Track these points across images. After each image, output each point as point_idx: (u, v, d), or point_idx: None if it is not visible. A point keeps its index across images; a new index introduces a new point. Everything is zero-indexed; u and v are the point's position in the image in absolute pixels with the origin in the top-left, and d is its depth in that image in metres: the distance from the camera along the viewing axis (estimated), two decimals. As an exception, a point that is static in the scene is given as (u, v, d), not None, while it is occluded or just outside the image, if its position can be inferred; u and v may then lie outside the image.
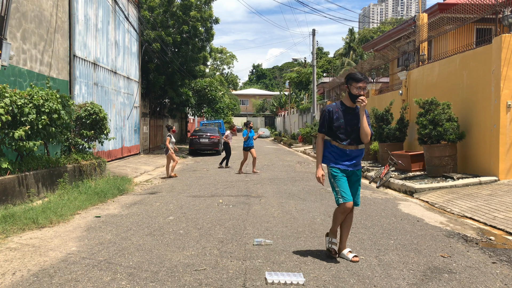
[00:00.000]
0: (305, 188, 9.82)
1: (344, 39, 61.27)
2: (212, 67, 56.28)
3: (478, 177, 9.64)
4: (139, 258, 4.55)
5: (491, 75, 9.80)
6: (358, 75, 4.44)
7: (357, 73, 4.47)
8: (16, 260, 4.49)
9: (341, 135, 4.43)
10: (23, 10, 9.69)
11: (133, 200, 8.28)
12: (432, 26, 13.85)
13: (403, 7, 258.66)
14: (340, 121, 4.44)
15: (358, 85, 4.38)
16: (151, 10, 22.87)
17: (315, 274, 4.08)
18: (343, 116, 4.46)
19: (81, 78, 12.93)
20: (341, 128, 4.43)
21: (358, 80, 4.41)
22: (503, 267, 4.33)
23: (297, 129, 38.02)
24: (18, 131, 7.09)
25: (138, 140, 19.69)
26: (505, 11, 9.97)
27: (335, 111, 4.48)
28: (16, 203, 6.91)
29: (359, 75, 4.45)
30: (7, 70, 8.90)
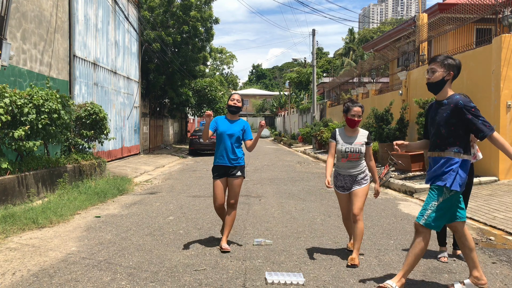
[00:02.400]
0: (305, 188, 9.82)
1: (344, 39, 61.27)
2: (212, 67, 56.27)
3: (478, 177, 9.65)
4: (139, 258, 4.55)
5: (491, 75, 9.80)
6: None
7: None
8: (16, 260, 4.49)
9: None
10: (23, 10, 9.69)
11: (133, 200, 8.28)
12: (432, 26, 13.86)
13: (403, 7, 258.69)
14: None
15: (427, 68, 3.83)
16: (151, 10, 22.87)
17: (315, 274, 4.07)
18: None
19: (81, 78, 12.93)
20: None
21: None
22: (503, 267, 4.33)
23: (297, 129, 38.00)
24: (18, 131, 7.09)
25: (138, 140, 19.69)
26: (505, 11, 9.97)
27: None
28: (16, 203, 6.91)
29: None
30: (7, 70, 8.90)
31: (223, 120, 5.11)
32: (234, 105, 5.06)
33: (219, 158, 4.98)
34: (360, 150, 4.53)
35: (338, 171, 4.69)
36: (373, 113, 14.44)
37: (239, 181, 4.98)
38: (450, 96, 3.57)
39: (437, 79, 3.57)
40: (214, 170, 5.04)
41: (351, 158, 4.55)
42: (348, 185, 4.61)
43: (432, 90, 3.66)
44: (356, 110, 4.58)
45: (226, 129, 5.00)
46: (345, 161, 4.58)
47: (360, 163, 4.59)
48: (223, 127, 5.03)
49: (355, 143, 4.57)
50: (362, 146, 4.57)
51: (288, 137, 37.61)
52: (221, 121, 5.09)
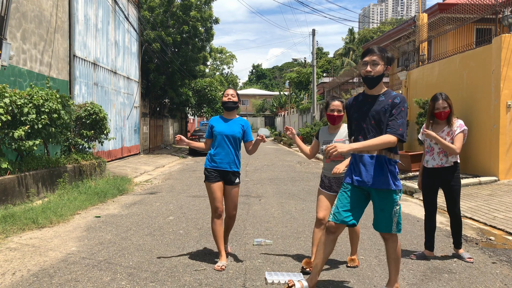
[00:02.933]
0: (305, 188, 9.82)
1: (344, 39, 61.27)
2: (212, 67, 56.29)
3: (478, 177, 9.64)
4: (139, 258, 4.55)
5: (491, 75, 9.80)
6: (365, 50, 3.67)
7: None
8: (16, 260, 4.49)
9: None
10: (23, 10, 9.69)
11: (133, 200, 8.28)
12: (432, 26, 13.86)
13: (403, 7, 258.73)
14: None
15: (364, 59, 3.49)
16: (151, 10, 22.86)
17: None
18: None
19: (81, 78, 12.93)
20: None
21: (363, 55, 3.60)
22: (503, 267, 4.33)
23: (297, 129, 38.00)
24: (18, 131, 7.09)
25: (138, 140, 19.69)
26: (505, 11, 9.97)
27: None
28: (16, 203, 6.91)
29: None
30: (7, 70, 8.90)
31: (218, 120, 4.56)
32: (229, 100, 4.49)
33: (217, 161, 4.40)
34: None
35: (324, 172, 4.30)
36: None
37: (238, 189, 4.51)
38: (386, 91, 3.37)
39: (379, 72, 3.31)
40: (209, 173, 4.41)
41: (334, 158, 4.12)
42: (334, 188, 4.18)
43: (371, 84, 3.34)
44: (335, 105, 4.18)
45: (223, 129, 4.43)
46: (329, 161, 4.21)
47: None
48: (219, 127, 4.47)
49: (334, 140, 4.15)
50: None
51: (288, 137, 37.61)
52: (216, 122, 4.54)
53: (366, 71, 3.32)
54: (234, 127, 4.49)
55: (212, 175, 4.41)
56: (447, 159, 4.61)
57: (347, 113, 3.60)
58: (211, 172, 4.41)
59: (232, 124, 4.51)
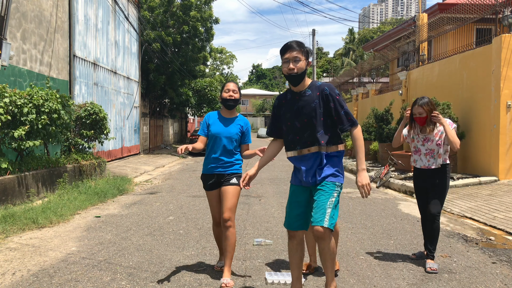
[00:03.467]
0: (305, 188, 9.81)
1: (344, 39, 61.26)
2: (212, 67, 56.26)
3: (478, 177, 9.65)
4: (139, 258, 4.55)
5: (491, 75, 9.80)
6: (283, 46, 3.24)
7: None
8: (16, 260, 4.49)
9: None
10: (23, 10, 9.69)
11: (133, 200, 8.28)
12: (432, 26, 13.86)
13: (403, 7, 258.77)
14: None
15: (285, 57, 3.18)
16: (151, 10, 22.86)
17: (315, 274, 4.07)
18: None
19: (81, 78, 12.93)
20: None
21: (282, 51, 3.23)
22: (503, 267, 4.33)
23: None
24: (18, 131, 7.09)
25: (138, 140, 19.69)
26: (505, 11, 9.97)
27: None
28: (16, 203, 6.91)
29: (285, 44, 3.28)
30: (7, 70, 8.90)
31: (215, 118, 4.03)
32: (231, 97, 3.94)
33: (212, 165, 3.94)
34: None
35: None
36: (373, 113, 14.44)
37: (235, 189, 3.85)
38: (310, 84, 3.18)
39: (302, 69, 3.10)
40: (204, 180, 4.01)
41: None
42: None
43: (296, 81, 3.15)
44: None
45: (220, 130, 3.92)
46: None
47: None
48: (216, 127, 3.95)
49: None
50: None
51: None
52: (213, 119, 4.01)
53: (288, 69, 3.11)
54: (233, 128, 3.96)
55: (206, 182, 3.98)
56: (434, 161, 4.40)
57: (275, 113, 3.35)
58: (206, 178, 3.98)
59: (230, 124, 3.97)
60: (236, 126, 3.98)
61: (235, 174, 3.94)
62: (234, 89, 3.99)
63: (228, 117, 4.01)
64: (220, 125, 3.96)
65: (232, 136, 3.93)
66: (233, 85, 4.02)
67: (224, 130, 3.93)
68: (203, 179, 4.02)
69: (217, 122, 3.98)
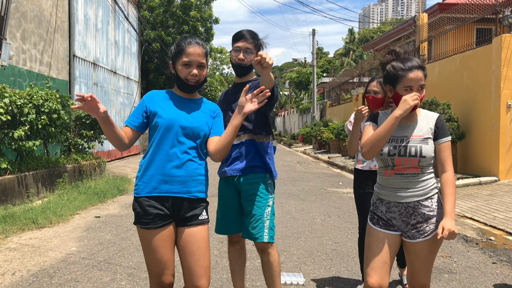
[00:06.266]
0: (305, 188, 9.82)
1: (344, 39, 61.27)
2: (212, 67, 56.29)
3: (478, 177, 9.64)
4: (139, 258, 4.55)
5: (491, 75, 9.80)
6: (238, 32, 3.00)
7: (241, 31, 3.02)
8: (15, 260, 4.48)
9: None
10: (22, 10, 9.68)
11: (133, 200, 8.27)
12: (432, 26, 13.85)
13: (403, 7, 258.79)
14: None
15: (237, 45, 2.94)
16: (151, 10, 22.88)
17: (315, 274, 4.07)
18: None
19: (81, 78, 12.93)
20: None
21: (236, 38, 2.98)
22: (503, 267, 4.33)
23: (297, 129, 38.01)
24: (18, 131, 7.08)
25: (138, 140, 19.69)
26: (505, 11, 9.97)
27: None
28: (16, 203, 6.91)
29: (241, 31, 3.00)
30: (7, 70, 8.89)
31: (164, 97, 2.49)
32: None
33: (158, 180, 2.34)
34: (421, 151, 2.35)
35: (379, 193, 2.49)
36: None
37: (205, 231, 2.41)
38: (254, 79, 3.02)
39: (251, 61, 2.91)
40: (144, 209, 2.33)
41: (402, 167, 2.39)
42: (397, 222, 2.41)
43: (241, 72, 2.98)
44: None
45: (175, 116, 2.39)
46: (392, 173, 2.42)
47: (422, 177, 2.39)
48: (168, 111, 2.41)
49: (412, 136, 2.40)
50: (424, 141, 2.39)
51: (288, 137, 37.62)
52: (159, 99, 2.47)
53: (238, 58, 2.91)
54: (199, 114, 2.55)
55: (147, 216, 2.35)
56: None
57: (220, 106, 3.01)
58: (145, 208, 2.36)
59: (194, 107, 2.57)
60: (204, 111, 2.51)
61: (200, 199, 2.44)
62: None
63: (189, 96, 2.53)
64: (174, 108, 2.44)
65: (199, 125, 2.43)
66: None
67: (182, 115, 2.42)
68: (141, 208, 2.34)
69: (168, 104, 2.45)
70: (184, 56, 2.39)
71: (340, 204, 7.74)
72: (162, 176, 2.34)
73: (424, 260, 2.36)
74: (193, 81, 2.41)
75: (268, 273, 2.89)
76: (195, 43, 2.41)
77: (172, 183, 2.34)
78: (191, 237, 2.35)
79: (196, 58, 2.39)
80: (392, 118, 2.28)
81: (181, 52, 2.41)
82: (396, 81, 2.38)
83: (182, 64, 2.40)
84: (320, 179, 11.51)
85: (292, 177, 12.11)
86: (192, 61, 2.39)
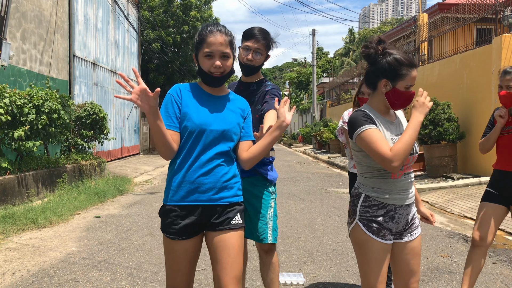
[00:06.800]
0: (305, 188, 9.82)
1: (344, 39, 61.27)
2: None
3: (478, 177, 9.64)
4: (139, 258, 4.55)
5: (491, 75, 9.79)
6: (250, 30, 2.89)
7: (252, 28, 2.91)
8: (15, 260, 4.48)
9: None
10: (22, 10, 9.68)
11: (133, 200, 8.27)
12: (432, 26, 13.86)
13: (403, 7, 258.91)
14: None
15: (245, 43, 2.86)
16: (151, 10, 22.88)
17: (315, 274, 4.07)
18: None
19: (81, 78, 12.93)
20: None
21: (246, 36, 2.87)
22: (503, 267, 4.33)
23: (297, 129, 38.03)
24: (18, 131, 7.08)
25: (138, 140, 19.68)
26: (505, 11, 9.97)
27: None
28: (16, 203, 6.91)
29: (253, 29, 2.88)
30: (7, 70, 8.89)
31: (192, 94, 2.24)
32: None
33: (186, 188, 2.14)
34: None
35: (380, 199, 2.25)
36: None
37: (237, 237, 2.18)
38: (260, 80, 2.95)
39: (260, 62, 2.88)
40: (172, 219, 2.15)
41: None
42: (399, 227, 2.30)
43: (249, 72, 2.90)
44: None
45: (206, 119, 2.17)
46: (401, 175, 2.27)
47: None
48: (199, 114, 2.18)
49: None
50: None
51: (288, 137, 37.63)
52: (188, 96, 2.22)
53: (247, 58, 2.83)
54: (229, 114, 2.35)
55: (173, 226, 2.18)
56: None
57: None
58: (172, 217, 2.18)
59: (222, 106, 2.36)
60: (233, 110, 2.28)
61: (235, 204, 2.22)
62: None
63: (215, 93, 2.28)
64: (204, 110, 2.20)
65: (230, 127, 2.21)
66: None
67: (212, 118, 2.19)
68: (168, 216, 2.17)
69: (196, 106, 2.20)
70: (205, 47, 2.17)
71: (340, 204, 7.73)
72: (190, 184, 2.14)
73: (419, 255, 2.34)
74: (217, 73, 2.18)
75: (270, 274, 2.88)
76: (217, 31, 2.17)
77: (201, 192, 2.14)
78: (220, 243, 2.15)
79: (218, 48, 2.15)
80: (419, 123, 2.16)
81: (202, 42, 2.19)
82: (398, 77, 2.20)
83: (203, 55, 2.18)
84: (320, 179, 11.51)
85: (292, 177, 12.11)
86: (213, 52, 2.15)
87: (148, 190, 9.71)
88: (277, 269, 2.90)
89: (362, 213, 2.24)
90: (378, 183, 2.24)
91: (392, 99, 2.23)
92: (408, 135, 2.11)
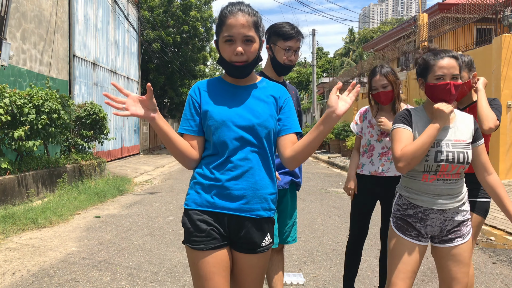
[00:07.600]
0: (305, 188, 9.82)
1: (344, 39, 61.26)
2: (212, 67, 56.28)
3: (478, 177, 9.64)
4: (139, 258, 4.55)
5: (491, 75, 9.80)
6: (287, 28, 2.69)
7: (284, 25, 2.72)
8: (15, 260, 4.48)
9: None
10: (22, 10, 9.68)
11: (133, 200, 8.27)
12: (432, 26, 13.86)
13: (403, 7, 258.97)
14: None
15: (287, 44, 2.67)
16: (151, 10, 22.89)
17: (315, 274, 4.07)
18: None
19: (81, 78, 12.93)
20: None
21: (287, 36, 2.66)
22: (503, 267, 4.33)
23: (297, 129, 37.94)
24: (18, 131, 7.08)
25: (138, 140, 19.68)
26: (505, 11, 9.97)
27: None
28: (16, 203, 6.91)
29: (288, 27, 2.70)
30: (7, 70, 8.89)
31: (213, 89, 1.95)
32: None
33: (212, 192, 1.84)
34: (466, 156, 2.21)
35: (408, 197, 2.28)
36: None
37: (265, 259, 1.92)
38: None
39: (296, 61, 2.77)
40: (196, 224, 1.88)
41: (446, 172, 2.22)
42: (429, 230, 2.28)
43: (285, 73, 2.75)
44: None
45: (228, 114, 1.86)
46: (434, 179, 2.22)
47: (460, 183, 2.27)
48: (219, 109, 1.88)
49: (456, 141, 2.22)
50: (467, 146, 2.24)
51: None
52: (208, 92, 1.93)
53: (289, 60, 2.67)
54: (259, 104, 2.01)
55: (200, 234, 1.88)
56: (390, 166, 3.11)
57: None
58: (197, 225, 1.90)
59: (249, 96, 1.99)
60: (264, 100, 1.92)
61: (267, 219, 1.90)
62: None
63: (241, 83, 1.95)
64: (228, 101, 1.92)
65: (262, 121, 1.86)
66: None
67: (238, 111, 1.87)
68: (190, 220, 1.91)
69: (218, 99, 1.91)
70: (225, 30, 1.81)
71: (340, 204, 7.73)
72: (216, 188, 1.82)
73: (463, 264, 2.24)
74: (239, 62, 1.82)
75: (279, 271, 2.90)
76: (238, 11, 1.80)
77: (229, 198, 1.81)
78: (247, 266, 1.87)
79: (240, 30, 1.78)
80: (434, 129, 2.12)
81: (221, 25, 1.83)
82: (427, 71, 2.18)
83: (223, 40, 1.83)
84: (320, 179, 11.51)
85: (292, 177, 12.11)
86: (234, 35, 1.79)
87: (148, 190, 9.71)
88: (283, 265, 2.97)
89: (395, 210, 2.33)
90: (410, 183, 2.28)
91: (429, 95, 2.23)
92: (420, 140, 2.12)
